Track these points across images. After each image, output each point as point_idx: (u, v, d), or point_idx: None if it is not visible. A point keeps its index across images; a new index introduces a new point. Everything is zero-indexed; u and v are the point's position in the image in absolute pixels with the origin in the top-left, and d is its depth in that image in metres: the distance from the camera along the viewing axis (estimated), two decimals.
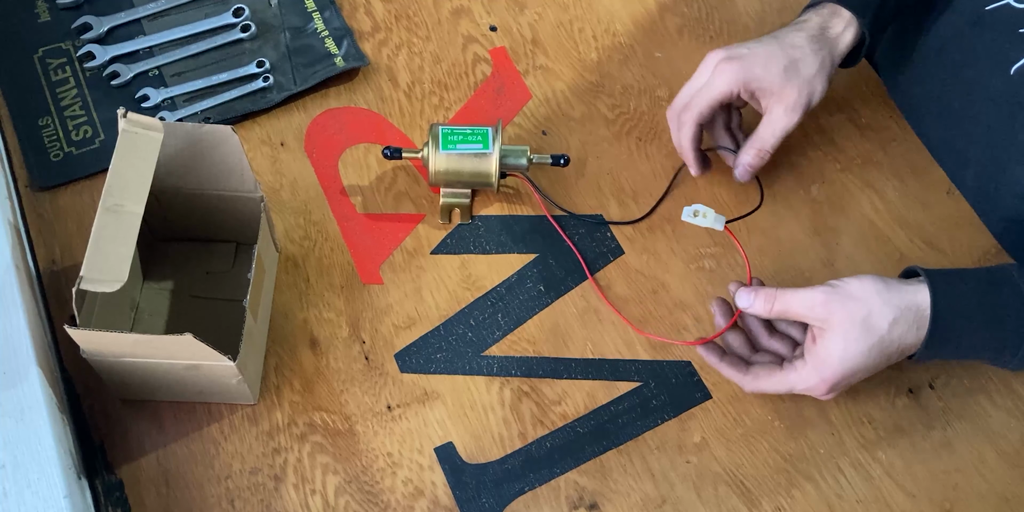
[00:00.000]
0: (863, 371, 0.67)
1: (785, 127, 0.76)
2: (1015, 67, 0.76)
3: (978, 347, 0.68)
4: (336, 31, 0.89)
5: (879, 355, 0.66)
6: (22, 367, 0.67)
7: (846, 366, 0.66)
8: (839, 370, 0.66)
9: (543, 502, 0.71)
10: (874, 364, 0.67)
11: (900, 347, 0.66)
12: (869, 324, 0.65)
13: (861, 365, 0.66)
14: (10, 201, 0.78)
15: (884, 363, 0.67)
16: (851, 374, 0.67)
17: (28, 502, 0.63)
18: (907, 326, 0.66)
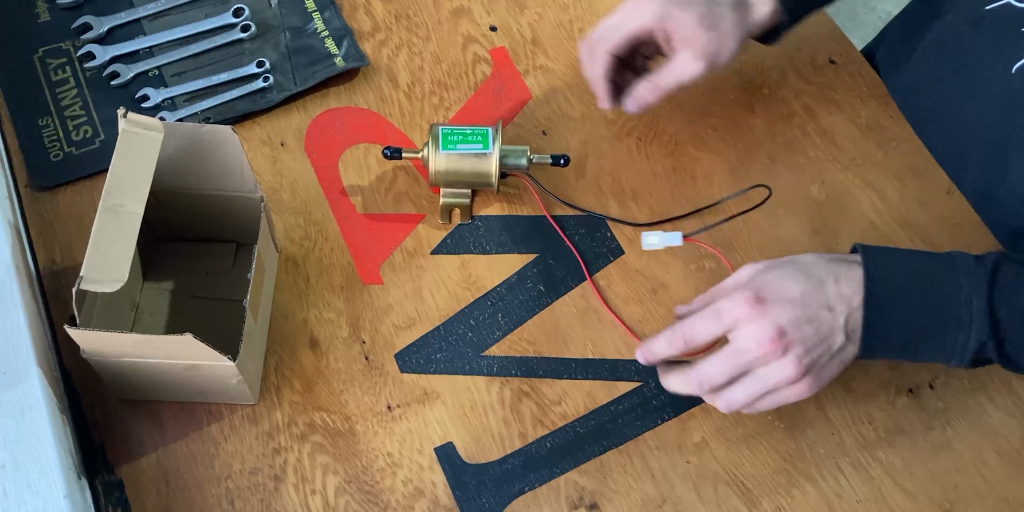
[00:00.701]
0: (793, 287, 0.63)
1: (689, 73, 0.75)
2: (1016, 66, 0.76)
3: (919, 318, 0.64)
4: (336, 31, 0.89)
5: (809, 275, 0.63)
6: (22, 367, 0.67)
7: (772, 277, 0.63)
8: (766, 280, 0.63)
9: (543, 502, 0.71)
10: (808, 284, 0.63)
11: (834, 277, 0.63)
12: (791, 258, 0.65)
13: (791, 277, 0.63)
14: (10, 201, 0.78)
15: (821, 289, 0.63)
16: (778, 287, 0.63)
17: (28, 502, 0.63)
18: (836, 260, 0.64)
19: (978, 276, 0.63)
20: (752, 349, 0.62)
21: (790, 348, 0.62)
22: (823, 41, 0.92)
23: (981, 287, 0.62)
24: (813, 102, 0.88)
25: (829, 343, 0.63)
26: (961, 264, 0.64)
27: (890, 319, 0.64)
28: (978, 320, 0.62)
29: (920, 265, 0.64)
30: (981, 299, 0.62)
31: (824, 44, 0.92)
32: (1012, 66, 0.76)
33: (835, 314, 0.63)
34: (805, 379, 0.63)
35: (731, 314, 0.63)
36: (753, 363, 0.63)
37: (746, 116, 0.88)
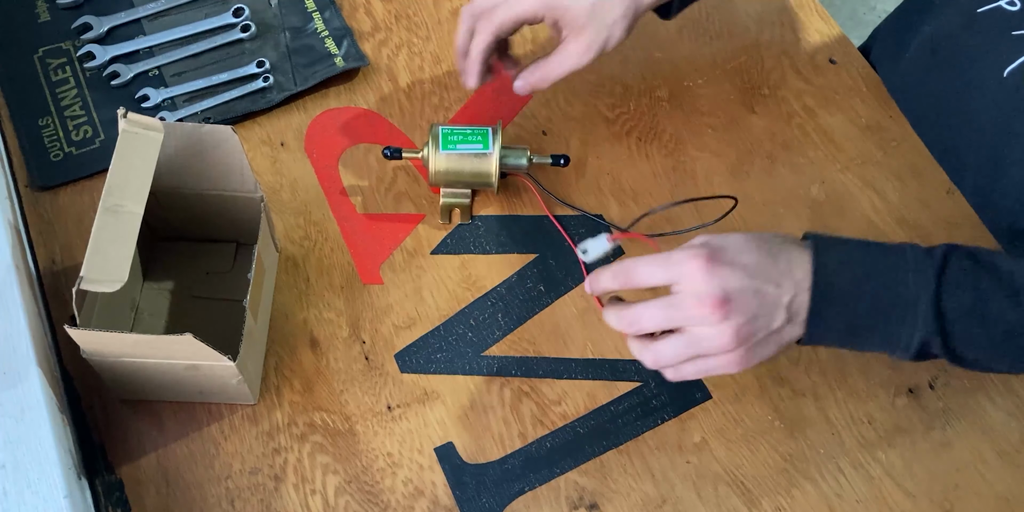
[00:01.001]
0: (746, 253, 0.61)
1: (575, 65, 0.74)
2: (1008, 70, 0.76)
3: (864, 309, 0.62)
4: (336, 31, 0.89)
5: (762, 246, 0.62)
6: (22, 367, 0.67)
7: (728, 241, 0.62)
8: (721, 242, 0.62)
9: (543, 502, 0.71)
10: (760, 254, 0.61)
11: (787, 257, 0.62)
12: (748, 234, 0.63)
13: (745, 244, 0.62)
14: (10, 201, 0.78)
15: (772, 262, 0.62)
16: (732, 249, 0.61)
17: (28, 502, 0.63)
18: (789, 240, 0.63)
19: (926, 272, 0.61)
20: (692, 306, 0.60)
21: (730, 315, 0.60)
22: (823, 41, 0.92)
23: (929, 283, 0.61)
24: (813, 102, 0.88)
25: (770, 319, 0.61)
26: (911, 258, 0.62)
27: (835, 309, 0.62)
28: (924, 316, 0.61)
29: (870, 257, 0.63)
30: (928, 295, 0.61)
31: (824, 44, 0.92)
32: (1004, 69, 0.76)
33: (781, 291, 0.61)
34: (738, 351, 0.61)
35: (681, 265, 0.61)
36: (689, 320, 0.61)
37: (746, 116, 0.88)
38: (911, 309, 0.61)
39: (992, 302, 0.61)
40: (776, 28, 0.93)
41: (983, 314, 0.61)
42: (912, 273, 0.62)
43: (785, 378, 0.76)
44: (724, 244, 0.62)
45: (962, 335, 0.62)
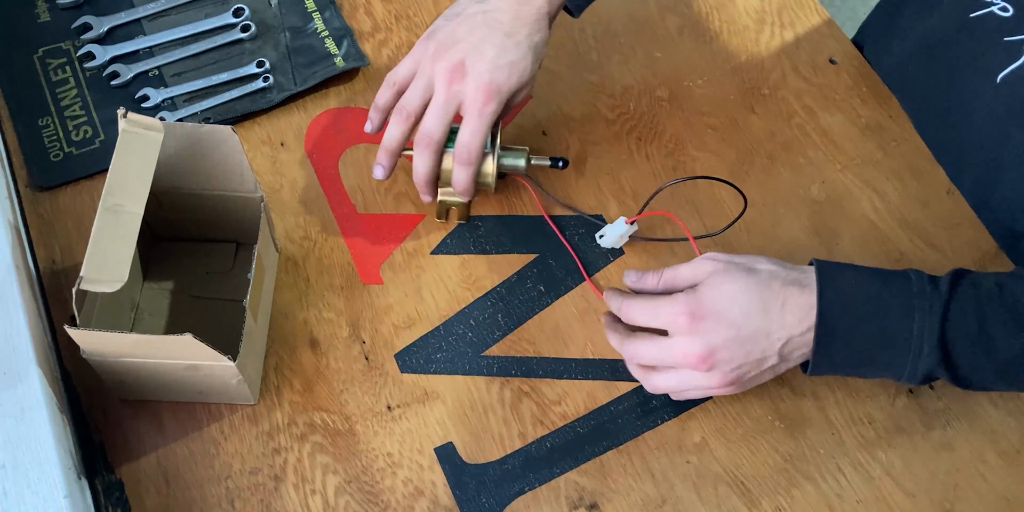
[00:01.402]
0: (735, 308, 0.63)
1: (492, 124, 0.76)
2: (1001, 75, 0.75)
3: (868, 337, 0.63)
4: (336, 31, 0.89)
5: (755, 298, 0.63)
6: (22, 367, 0.67)
7: (719, 294, 0.64)
8: (712, 299, 0.64)
9: (543, 502, 0.71)
10: (751, 306, 0.63)
11: (781, 302, 0.63)
12: (751, 269, 0.65)
13: (735, 299, 0.63)
14: (10, 201, 0.78)
15: (764, 315, 0.63)
16: (721, 307, 0.63)
17: (28, 502, 0.63)
18: (789, 281, 0.64)
19: (933, 304, 0.62)
20: (680, 356, 0.65)
21: (716, 366, 0.65)
22: (823, 41, 0.92)
23: (935, 315, 0.62)
24: (813, 102, 0.88)
25: (759, 363, 0.65)
26: (917, 291, 0.63)
27: (840, 344, 0.64)
28: (929, 349, 0.62)
29: (875, 290, 0.64)
30: (934, 327, 0.62)
31: (824, 44, 0.92)
32: (997, 75, 0.76)
33: (772, 341, 0.64)
34: (729, 387, 0.67)
35: (668, 320, 0.66)
36: (679, 365, 0.66)
37: (746, 116, 0.88)
38: (916, 342, 0.62)
39: (997, 331, 0.62)
40: (776, 28, 0.93)
41: (989, 343, 0.62)
42: (918, 306, 0.62)
43: (785, 378, 0.76)
44: (713, 296, 0.64)
45: (968, 363, 0.63)
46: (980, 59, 0.77)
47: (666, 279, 0.69)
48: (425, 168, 0.75)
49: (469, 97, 0.73)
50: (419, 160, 0.75)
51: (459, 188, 0.76)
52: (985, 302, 0.62)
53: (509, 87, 0.73)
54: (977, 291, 0.63)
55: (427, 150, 0.74)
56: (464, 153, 0.74)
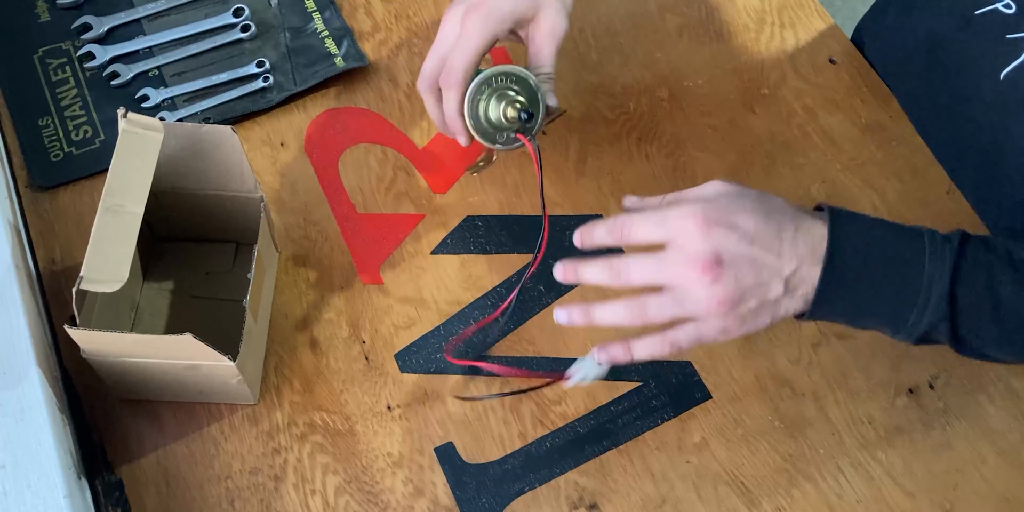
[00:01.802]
0: (747, 215, 0.59)
1: (557, 44, 0.72)
2: (1004, 72, 0.75)
3: (875, 286, 0.61)
4: (336, 31, 0.89)
5: (768, 209, 0.60)
6: (22, 367, 0.67)
7: (730, 200, 0.60)
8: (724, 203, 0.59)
9: (543, 502, 0.71)
10: (762, 216, 0.59)
11: (795, 225, 0.60)
12: (765, 194, 0.61)
13: (746, 206, 0.59)
14: (10, 201, 0.78)
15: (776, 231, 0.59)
16: (733, 210, 0.59)
17: (28, 502, 0.63)
18: (801, 212, 0.61)
19: (945, 258, 0.60)
20: (681, 264, 0.58)
21: (720, 279, 0.58)
22: (823, 41, 0.92)
23: (945, 270, 0.60)
24: (813, 102, 0.88)
25: (765, 289, 0.59)
26: (929, 243, 0.61)
27: (846, 289, 0.60)
28: (935, 302, 0.60)
29: (889, 239, 0.61)
30: (944, 282, 0.59)
31: (824, 44, 0.92)
32: (1000, 72, 0.76)
33: (781, 262, 0.59)
34: (725, 317, 0.59)
35: (676, 225, 0.59)
36: (676, 279, 0.59)
37: (746, 116, 0.88)
38: (924, 293, 0.60)
39: (1004, 290, 0.60)
40: (776, 28, 0.93)
41: (995, 302, 0.60)
42: (930, 258, 0.60)
43: (785, 378, 0.76)
44: (727, 204, 0.59)
45: (971, 322, 0.61)
46: (983, 56, 0.77)
47: (670, 199, 0.63)
48: (449, 107, 0.70)
49: (464, 20, 0.69)
50: (444, 98, 0.70)
51: (448, 115, 0.70)
52: (995, 261, 0.61)
53: (502, 10, 0.69)
54: (987, 249, 0.61)
55: (449, 88, 0.69)
56: (446, 72, 0.69)
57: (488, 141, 0.71)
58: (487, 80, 0.69)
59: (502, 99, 0.70)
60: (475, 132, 0.71)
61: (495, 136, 0.71)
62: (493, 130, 0.71)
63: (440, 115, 0.72)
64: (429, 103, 0.73)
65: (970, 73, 0.79)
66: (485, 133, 0.71)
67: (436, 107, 0.73)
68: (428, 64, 0.72)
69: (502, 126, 0.70)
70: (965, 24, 0.79)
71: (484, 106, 0.70)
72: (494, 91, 0.70)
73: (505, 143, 0.71)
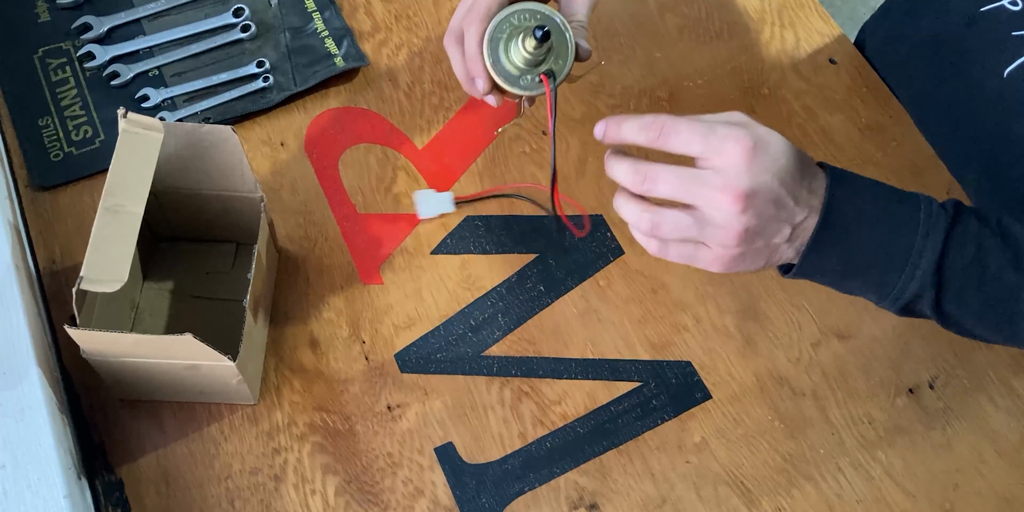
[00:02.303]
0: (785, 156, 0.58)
1: None
2: (1008, 69, 0.75)
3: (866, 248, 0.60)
4: (336, 31, 0.89)
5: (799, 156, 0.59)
6: (22, 367, 0.67)
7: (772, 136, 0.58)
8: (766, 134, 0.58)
9: (543, 502, 0.71)
10: (795, 163, 0.58)
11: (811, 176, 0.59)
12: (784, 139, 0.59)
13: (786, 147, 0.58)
14: (10, 201, 0.78)
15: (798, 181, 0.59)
16: (775, 147, 0.58)
17: (28, 502, 0.63)
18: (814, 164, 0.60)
19: (938, 226, 0.59)
20: (717, 188, 0.57)
21: (747, 211, 0.57)
22: (823, 41, 0.92)
23: (938, 237, 0.59)
24: (813, 102, 0.88)
25: (777, 229, 0.59)
26: (924, 209, 0.60)
27: (838, 245, 0.60)
28: (924, 269, 0.59)
29: (885, 200, 0.60)
30: (935, 251, 0.59)
31: (824, 44, 0.92)
32: (1004, 70, 0.76)
33: (798, 208, 0.58)
34: (733, 250, 0.58)
35: (722, 143, 0.56)
36: (707, 201, 0.57)
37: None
38: (913, 260, 0.59)
39: (992, 263, 0.60)
40: (776, 28, 0.93)
41: (982, 274, 0.60)
42: (923, 225, 0.59)
43: (785, 378, 0.76)
44: (768, 140, 0.58)
45: (956, 292, 0.60)
46: (988, 54, 0.77)
47: (703, 117, 0.60)
48: (469, 45, 0.64)
49: None
50: (465, 38, 0.65)
51: (467, 53, 0.65)
52: (983, 234, 0.60)
53: None
54: (980, 221, 0.61)
55: (470, 25, 0.64)
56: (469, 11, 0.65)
57: (511, 85, 0.64)
58: (508, 17, 0.63)
59: (523, 36, 0.63)
60: (496, 75, 0.64)
61: (519, 80, 0.64)
62: (517, 73, 0.64)
63: (464, 69, 0.66)
64: (455, 58, 0.67)
65: (974, 70, 0.79)
66: (508, 76, 0.64)
67: (461, 61, 0.67)
68: (456, 15, 0.67)
69: (526, 66, 0.64)
70: (971, 21, 0.79)
71: (505, 47, 0.64)
72: (516, 30, 0.63)
73: (527, 87, 0.64)
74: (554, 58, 0.64)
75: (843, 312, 0.79)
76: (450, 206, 0.79)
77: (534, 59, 0.63)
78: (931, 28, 0.84)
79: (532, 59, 0.63)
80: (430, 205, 0.79)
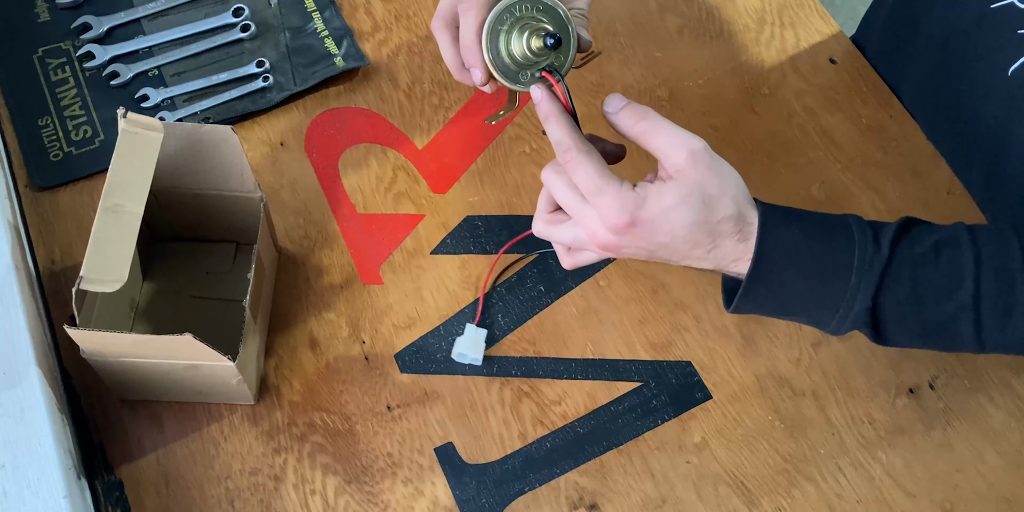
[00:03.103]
0: (668, 236, 0.58)
1: None
2: (1012, 68, 0.75)
3: (799, 295, 0.61)
4: (336, 31, 0.89)
5: (693, 236, 0.59)
6: (22, 367, 0.67)
7: (662, 218, 0.58)
8: (653, 218, 0.58)
9: (543, 502, 0.71)
10: (682, 241, 0.59)
11: (713, 245, 0.60)
12: (711, 203, 0.58)
13: (673, 230, 0.58)
14: (10, 201, 0.78)
15: (688, 249, 0.59)
16: (657, 230, 0.58)
17: (28, 502, 0.63)
18: (731, 232, 0.60)
19: (872, 269, 0.60)
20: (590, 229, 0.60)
21: (619, 253, 0.61)
22: (823, 41, 0.92)
23: (871, 281, 0.60)
24: (813, 102, 0.88)
25: (657, 259, 0.61)
26: (859, 250, 0.60)
27: (770, 293, 0.61)
28: (858, 310, 0.60)
29: (818, 247, 0.60)
30: (868, 293, 0.60)
31: (824, 44, 0.92)
32: (1009, 67, 0.76)
33: (689, 262, 0.61)
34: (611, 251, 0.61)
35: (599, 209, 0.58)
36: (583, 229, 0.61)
37: (746, 116, 0.88)
38: (848, 303, 0.60)
39: (928, 297, 0.60)
40: (776, 28, 0.93)
41: (918, 308, 0.60)
42: (857, 268, 0.60)
43: (785, 378, 0.76)
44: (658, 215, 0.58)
45: (893, 326, 0.61)
46: (994, 51, 0.77)
47: (641, 130, 0.59)
48: (465, 34, 0.62)
49: None
50: (461, 25, 0.62)
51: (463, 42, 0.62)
52: (920, 266, 0.60)
53: None
54: (913, 254, 0.61)
55: (467, 11, 0.61)
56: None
57: (509, 80, 0.61)
58: (510, 7, 0.60)
59: (526, 30, 0.60)
60: (494, 69, 0.61)
61: (518, 75, 0.61)
62: (516, 67, 0.61)
63: (455, 55, 0.64)
64: (444, 42, 0.64)
65: (979, 68, 0.79)
66: (506, 70, 0.61)
67: (451, 46, 0.64)
68: (442, 4, 0.64)
69: (526, 62, 0.61)
70: (980, 18, 0.78)
71: (506, 39, 0.60)
72: (517, 21, 0.60)
73: (528, 83, 0.62)
74: (555, 53, 0.61)
75: None
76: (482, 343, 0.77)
77: (536, 58, 0.61)
78: (941, 23, 0.84)
79: (534, 58, 0.61)
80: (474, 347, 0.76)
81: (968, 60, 0.80)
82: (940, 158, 0.86)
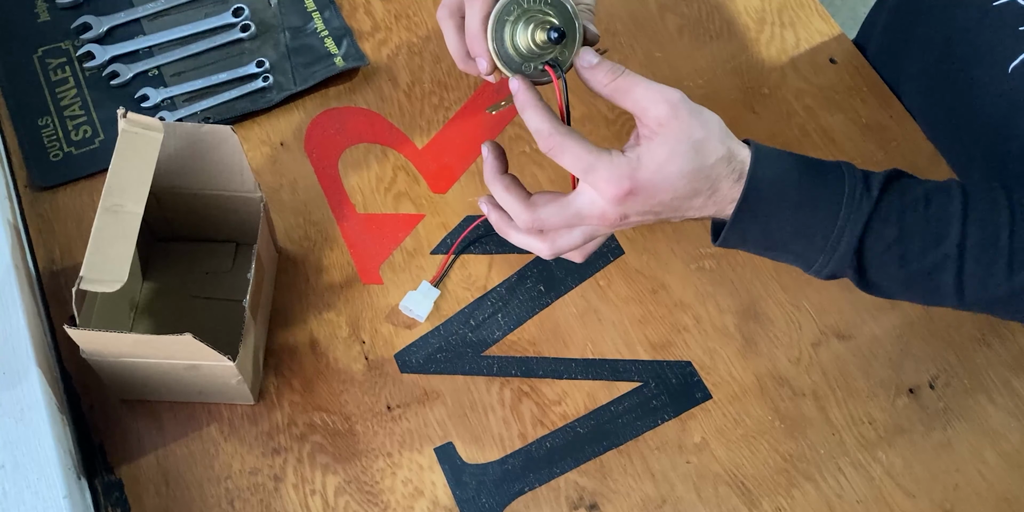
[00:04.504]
0: (669, 192, 0.59)
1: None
2: (1012, 65, 0.75)
3: (786, 226, 0.61)
4: (336, 31, 0.89)
5: (692, 185, 0.59)
6: (22, 367, 0.67)
7: (660, 175, 0.58)
8: (651, 177, 0.58)
9: (543, 502, 0.71)
10: (683, 192, 0.59)
11: (712, 190, 0.60)
12: (701, 148, 0.59)
13: (673, 184, 0.58)
14: (10, 201, 0.78)
15: (688, 201, 0.60)
16: (658, 188, 0.58)
17: (28, 502, 0.63)
18: (727, 173, 0.60)
19: (860, 208, 0.60)
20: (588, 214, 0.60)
21: (624, 225, 0.61)
22: (823, 41, 0.92)
23: (859, 221, 0.59)
24: (813, 102, 0.88)
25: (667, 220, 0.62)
26: (849, 190, 0.60)
27: (758, 226, 0.61)
28: (844, 250, 0.60)
29: (808, 182, 0.60)
30: (855, 233, 0.60)
31: (824, 44, 0.92)
32: (1009, 65, 0.75)
33: (685, 215, 0.61)
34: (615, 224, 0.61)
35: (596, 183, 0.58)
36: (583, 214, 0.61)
37: (746, 116, 0.87)
38: (834, 241, 0.60)
39: (914, 243, 0.60)
40: (776, 28, 0.93)
41: (903, 254, 0.60)
42: (846, 207, 0.60)
43: (785, 378, 0.76)
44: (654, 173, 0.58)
45: (877, 270, 0.61)
46: (995, 49, 0.77)
47: (616, 86, 0.60)
48: (471, 23, 0.62)
49: None
50: (467, 14, 0.62)
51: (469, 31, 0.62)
52: (909, 212, 0.60)
53: None
54: (903, 200, 0.61)
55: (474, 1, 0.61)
56: None
57: (512, 71, 0.62)
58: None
59: (532, 22, 0.60)
60: (498, 59, 0.61)
61: (521, 67, 0.62)
62: (520, 59, 0.61)
63: (459, 44, 0.63)
64: (449, 31, 0.64)
65: (980, 66, 0.79)
66: (510, 61, 0.61)
67: (456, 35, 0.64)
68: None
69: (530, 54, 0.61)
70: (982, 16, 0.78)
71: (511, 30, 0.61)
72: (524, 13, 0.61)
73: (531, 76, 0.62)
74: (560, 46, 0.62)
75: (843, 312, 0.79)
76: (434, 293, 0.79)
77: (540, 51, 0.61)
78: (942, 24, 0.84)
79: (538, 51, 0.61)
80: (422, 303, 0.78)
81: (968, 58, 0.80)
82: (940, 158, 0.86)
